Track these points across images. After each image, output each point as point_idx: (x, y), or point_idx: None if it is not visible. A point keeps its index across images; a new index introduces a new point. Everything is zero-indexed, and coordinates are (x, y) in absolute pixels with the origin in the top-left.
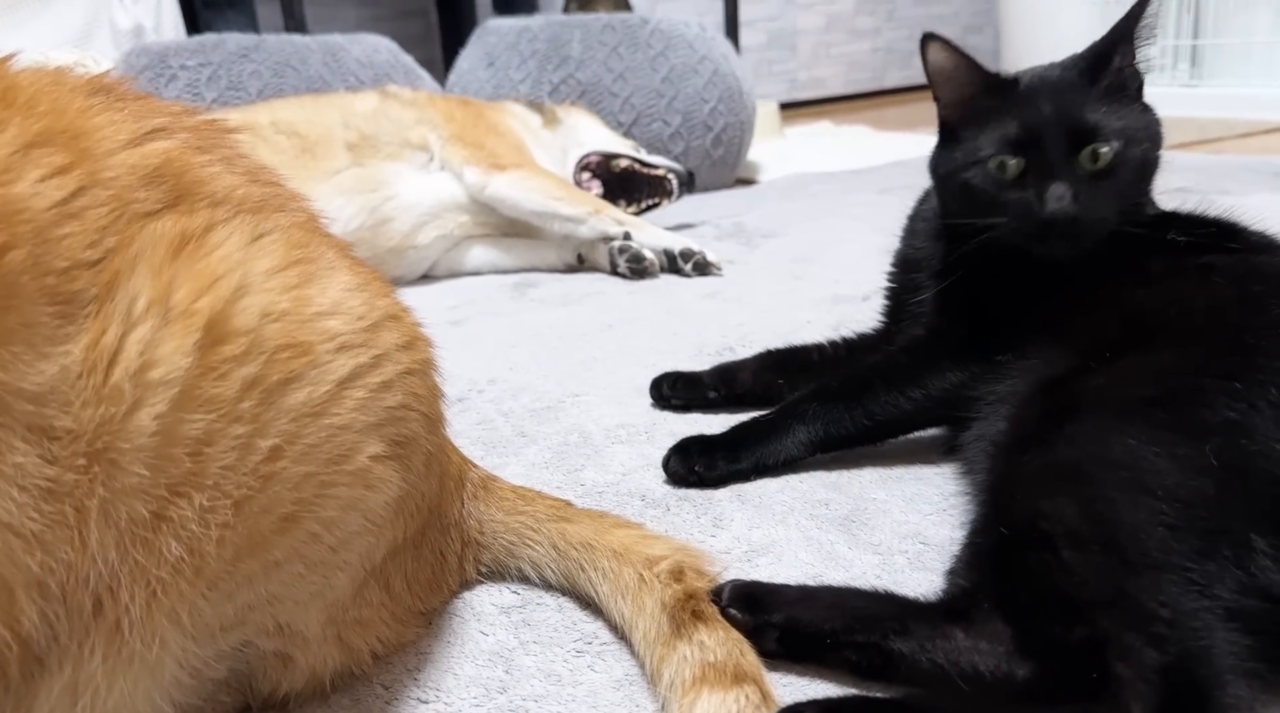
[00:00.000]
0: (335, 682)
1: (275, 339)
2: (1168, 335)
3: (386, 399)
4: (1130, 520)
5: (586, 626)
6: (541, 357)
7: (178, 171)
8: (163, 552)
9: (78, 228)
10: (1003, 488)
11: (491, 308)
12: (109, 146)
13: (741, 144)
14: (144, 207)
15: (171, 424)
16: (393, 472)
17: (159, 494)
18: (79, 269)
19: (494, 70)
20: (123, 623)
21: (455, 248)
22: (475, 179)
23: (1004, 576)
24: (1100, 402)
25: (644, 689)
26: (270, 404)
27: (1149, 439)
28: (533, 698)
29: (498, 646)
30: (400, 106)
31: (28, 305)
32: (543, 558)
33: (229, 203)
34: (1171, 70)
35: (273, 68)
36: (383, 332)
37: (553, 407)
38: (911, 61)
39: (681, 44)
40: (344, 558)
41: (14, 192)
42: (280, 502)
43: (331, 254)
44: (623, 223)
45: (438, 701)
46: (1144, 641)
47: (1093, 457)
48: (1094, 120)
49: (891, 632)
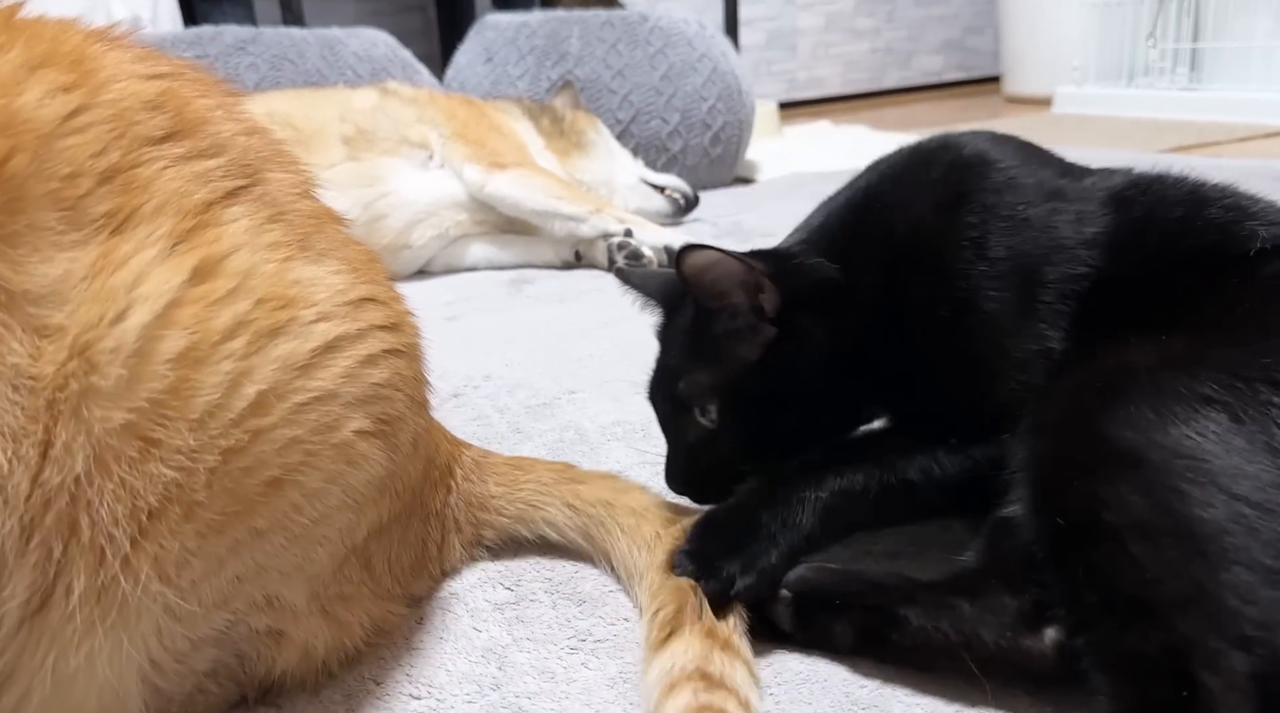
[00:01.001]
0: (329, 662)
1: (260, 289)
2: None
3: (372, 375)
4: (1206, 515)
5: (580, 623)
6: (538, 353)
7: (179, 106)
8: (151, 474)
9: (80, 141)
10: (1051, 470)
11: (487, 304)
12: (111, 73)
13: (740, 143)
14: (145, 130)
15: (153, 335)
16: (377, 450)
17: (137, 405)
18: (84, 178)
19: (492, 66)
20: (107, 551)
21: (452, 244)
22: (475, 177)
23: (1066, 573)
24: (1155, 386)
25: (638, 688)
26: (258, 348)
27: (1218, 440)
28: (526, 695)
29: (491, 642)
30: (400, 103)
31: (34, 209)
32: (558, 518)
33: (232, 149)
34: (1171, 74)
35: (270, 61)
36: (366, 309)
37: (548, 403)
38: (911, 62)
39: (681, 41)
40: (324, 533)
41: (19, 103)
42: (267, 464)
43: (324, 242)
44: (624, 221)
45: (430, 697)
46: (1231, 644)
47: (1154, 444)
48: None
49: (899, 599)
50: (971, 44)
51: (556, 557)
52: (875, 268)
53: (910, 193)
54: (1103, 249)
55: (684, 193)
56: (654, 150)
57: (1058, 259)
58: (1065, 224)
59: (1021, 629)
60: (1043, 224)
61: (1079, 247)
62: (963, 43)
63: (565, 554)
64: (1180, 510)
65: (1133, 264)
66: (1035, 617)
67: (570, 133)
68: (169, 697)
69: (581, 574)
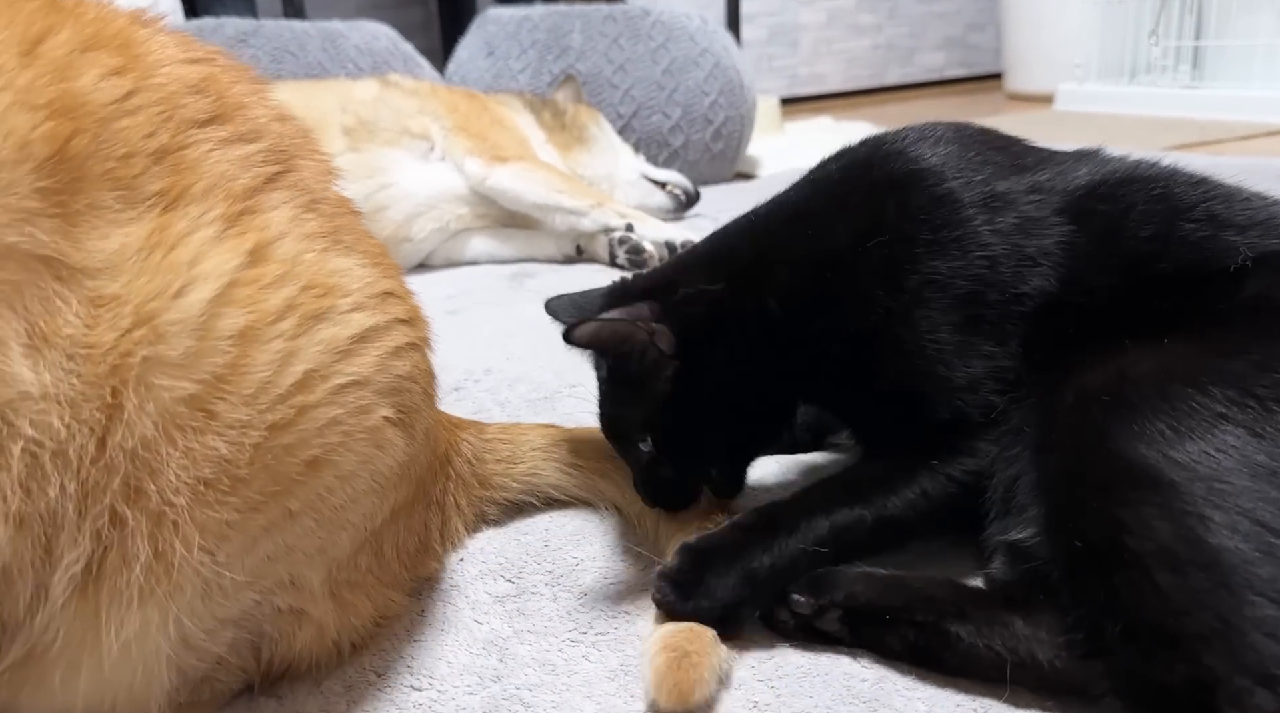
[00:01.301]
0: (340, 644)
1: (305, 276)
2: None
3: (396, 366)
4: (1229, 545)
5: (581, 616)
6: (539, 347)
7: (219, 90)
8: (208, 445)
9: (133, 123)
10: (1066, 490)
11: (488, 298)
12: (158, 58)
13: (741, 138)
14: (191, 113)
15: (215, 312)
16: (399, 437)
17: (201, 378)
18: (137, 157)
19: (494, 60)
20: (167, 517)
21: (453, 238)
22: (477, 170)
23: (1085, 597)
24: (1165, 398)
25: (639, 681)
26: (305, 331)
27: (1239, 461)
28: (527, 687)
29: (492, 634)
30: (402, 96)
31: (93, 188)
32: (562, 482)
33: (269, 135)
34: (1173, 71)
35: (271, 53)
36: (389, 303)
37: (549, 397)
38: (913, 59)
39: (683, 36)
40: (349, 517)
41: (78, 86)
42: (308, 442)
43: (351, 235)
44: (625, 216)
45: (431, 688)
46: (1256, 681)
47: (1173, 463)
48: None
49: (950, 614)
50: (973, 41)
51: (557, 549)
52: (792, 291)
53: (829, 217)
54: (1054, 266)
55: (685, 189)
56: (655, 145)
57: (993, 279)
58: (1002, 238)
59: (1076, 650)
60: (975, 242)
61: (1020, 263)
62: (964, 40)
63: (567, 541)
64: (1204, 539)
65: (1093, 286)
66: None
67: (572, 127)
68: (186, 680)
69: (582, 567)
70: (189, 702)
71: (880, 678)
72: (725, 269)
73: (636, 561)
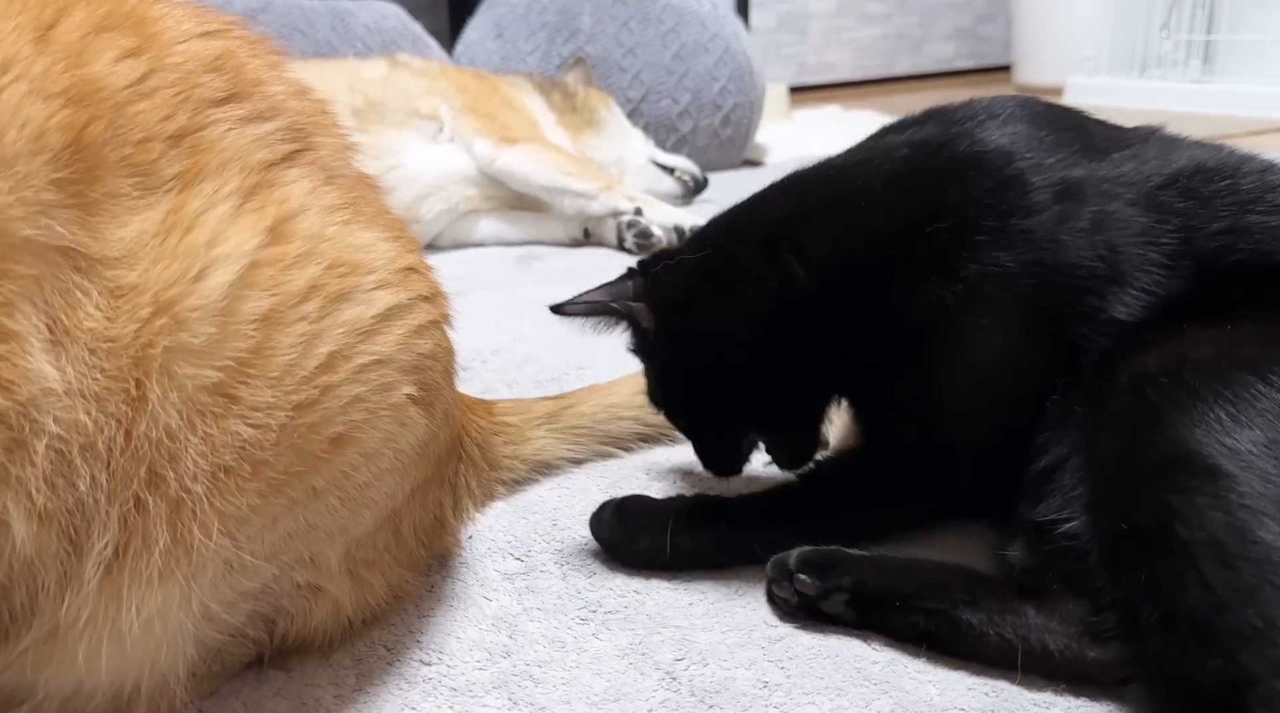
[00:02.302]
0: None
1: (329, 254)
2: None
3: (419, 344)
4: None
5: (591, 594)
6: (546, 330)
7: (236, 66)
8: (231, 431)
9: (149, 106)
10: (1116, 470)
11: (496, 279)
12: (172, 35)
13: (750, 125)
14: (209, 93)
15: (236, 297)
16: (421, 415)
17: (224, 364)
18: (154, 142)
19: (503, 42)
20: (185, 503)
21: (461, 219)
22: (485, 151)
23: (1123, 581)
24: (1225, 383)
25: (649, 658)
26: (330, 313)
27: None
28: (536, 663)
29: (501, 611)
30: (411, 76)
31: (110, 177)
32: (572, 451)
33: (286, 112)
34: (1184, 66)
35: (279, 31)
36: (412, 279)
37: (557, 379)
38: (922, 49)
39: (693, 21)
40: (372, 496)
41: (93, 71)
42: (332, 420)
43: (371, 208)
44: (634, 199)
45: (440, 662)
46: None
47: (1231, 453)
48: None
49: (960, 602)
50: (983, 32)
51: (566, 528)
52: (830, 261)
53: (885, 192)
54: (1130, 268)
55: (693, 175)
56: (664, 130)
57: (1064, 282)
58: (1076, 237)
59: (1088, 640)
60: (1046, 236)
61: (1095, 268)
62: (974, 30)
63: (576, 520)
64: (1256, 535)
65: (1166, 284)
66: (1101, 626)
67: (583, 110)
68: (206, 650)
69: (591, 546)
70: (204, 673)
71: (891, 661)
72: (752, 232)
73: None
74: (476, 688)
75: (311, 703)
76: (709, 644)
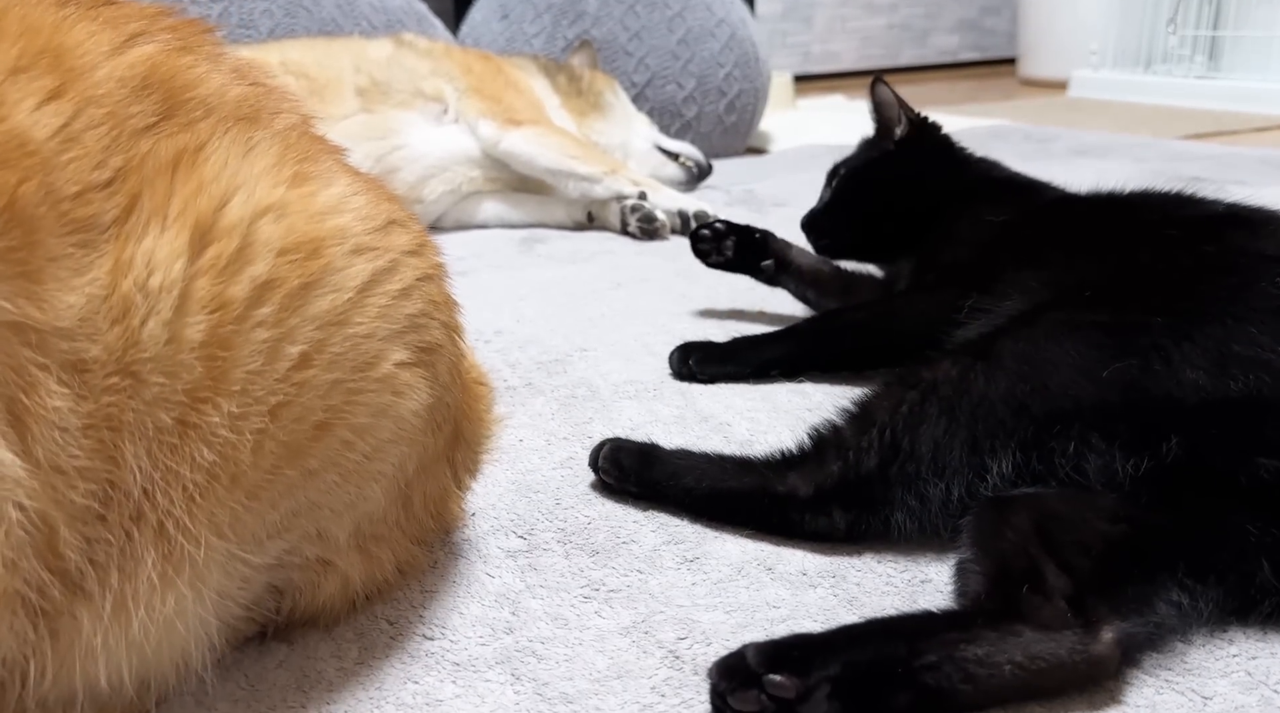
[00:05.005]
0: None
1: (279, 238)
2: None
3: (406, 306)
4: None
5: (593, 573)
6: (549, 311)
7: (165, 77)
8: (194, 457)
9: (81, 152)
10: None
11: (499, 261)
12: (92, 59)
13: (755, 111)
14: (139, 121)
15: (178, 329)
16: (420, 379)
17: (178, 400)
18: (90, 192)
19: (508, 23)
20: (166, 525)
21: (464, 200)
22: (490, 133)
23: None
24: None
25: (651, 637)
26: (294, 311)
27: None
28: (539, 640)
29: (504, 588)
30: (416, 56)
31: (51, 238)
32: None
33: (222, 108)
34: (1189, 61)
35: (285, 7)
36: (392, 234)
37: (560, 360)
38: (927, 40)
39: (700, 6)
40: (378, 468)
41: (15, 125)
42: (312, 410)
43: (329, 159)
44: (638, 184)
45: (443, 638)
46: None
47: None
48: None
49: (962, 642)
50: (988, 24)
51: (569, 507)
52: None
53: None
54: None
55: (697, 161)
56: (668, 115)
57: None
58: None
59: (1089, 636)
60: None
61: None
62: (979, 23)
63: (578, 500)
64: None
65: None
66: (1088, 619)
67: (588, 93)
68: (225, 625)
69: (594, 525)
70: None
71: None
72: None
73: (649, 522)
74: (479, 663)
75: (314, 676)
76: (712, 624)
